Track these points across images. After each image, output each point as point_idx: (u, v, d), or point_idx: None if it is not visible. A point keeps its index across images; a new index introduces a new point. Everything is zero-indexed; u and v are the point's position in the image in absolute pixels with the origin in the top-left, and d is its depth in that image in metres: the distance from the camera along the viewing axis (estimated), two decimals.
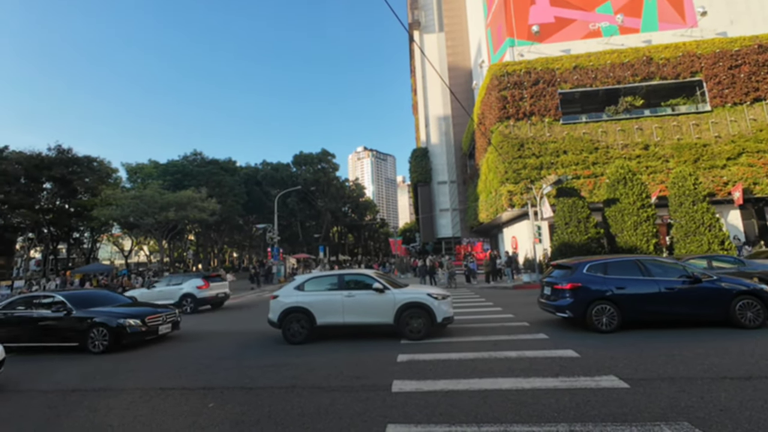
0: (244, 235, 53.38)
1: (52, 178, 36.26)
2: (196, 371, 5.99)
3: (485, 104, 26.72)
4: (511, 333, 7.40)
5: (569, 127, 22.68)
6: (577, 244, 16.87)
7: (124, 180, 42.01)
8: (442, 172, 49.14)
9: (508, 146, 22.65)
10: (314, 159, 49.06)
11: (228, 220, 41.51)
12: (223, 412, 4.18)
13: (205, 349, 7.65)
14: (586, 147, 22.11)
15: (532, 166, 22.24)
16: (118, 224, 36.37)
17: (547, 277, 8.23)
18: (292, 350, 7.02)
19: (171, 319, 8.75)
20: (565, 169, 21.67)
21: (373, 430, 3.52)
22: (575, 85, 23.08)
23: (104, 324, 7.70)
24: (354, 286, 7.68)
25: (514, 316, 9.27)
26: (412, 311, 7.19)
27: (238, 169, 46.97)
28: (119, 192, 33.04)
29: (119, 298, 9.56)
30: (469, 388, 4.47)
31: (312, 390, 4.74)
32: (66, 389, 5.45)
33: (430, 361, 5.71)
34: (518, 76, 23.69)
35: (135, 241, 46.37)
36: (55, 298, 8.40)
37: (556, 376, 4.71)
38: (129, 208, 29.21)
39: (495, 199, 24.38)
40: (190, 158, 43.02)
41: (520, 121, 23.14)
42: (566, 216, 17.69)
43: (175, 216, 29.61)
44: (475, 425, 3.49)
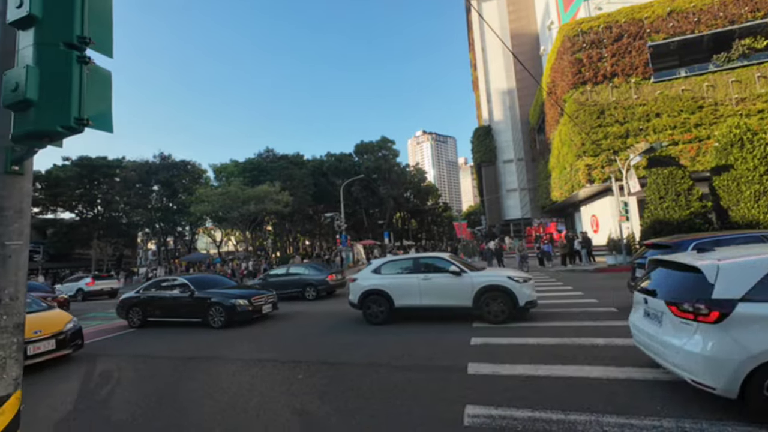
0: (314, 224, 57.01)
1: (158, 181, 42.66)
2: (286, 347, 6.69)
3: (556, 70, 24.20)
4: (595, 319, 6.81)
5: (663, 85, 19.48)
6: (675, 221, 14.63)
7: (212, 179, 47.57)
8: (508, 150, 46.22)
9: (585, 115, 20.32)
10: (374, 147, 49.79)
11: (299, 210, 44.67)
12: (311, 383, 4.61)
13: (295, 327, 8.45)
14: (686, 107, 18.82)
15: (615, 134, 19.71)
16: (210, 218, 41.49)
17: (640, 258, 7.34)
18: (368, 330, 7.40)
19: (271, 300, 9.78)
20: (659, 135, 18.79)
21: (452, 409, 3.57)
22: (671, 34, 19.61)
23: (220, 303, 8.90)
24: (430, 269, 7.73)
25: (598, 301, 8.48)
26: (492, 294, 7.01)
27: (306, 162, 49.87)
28: (209, 190, 37.59)
29: (226, 281, 10.99)
30: (551, 374, 4.26)
31: (388, 368, 4.96)
32: (186, 357, 6.52)
33: (505, 346, 5.55)
34: (596, 33, 20.91)
35: (224, 232, 52.63)
36: (179, 281, 9.96)
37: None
38: (218, 204, 33.10)
39: (570, 175, 22.24)
40: (263, 155, 46.90)
41: (598, 85, 20.55)
42: (661, 189, 15.36)
43: (255, 209, 32.78)
44: (561, 413, 3.32)
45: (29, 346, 5.83)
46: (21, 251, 2.10)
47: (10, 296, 2.02)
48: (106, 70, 2.07)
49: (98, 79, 2.02)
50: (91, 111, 1.92)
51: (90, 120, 1.90)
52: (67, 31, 1.85)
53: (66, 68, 1.83)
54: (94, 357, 7.02)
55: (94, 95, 1.96)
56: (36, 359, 5.94)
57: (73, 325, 6.78)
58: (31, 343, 5.89)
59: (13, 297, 2.03)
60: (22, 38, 1.88)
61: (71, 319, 6.86)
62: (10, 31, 2.04)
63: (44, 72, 1.80)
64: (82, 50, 1.90)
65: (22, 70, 1.77)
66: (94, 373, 5.96)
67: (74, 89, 1.84)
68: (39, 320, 6.41)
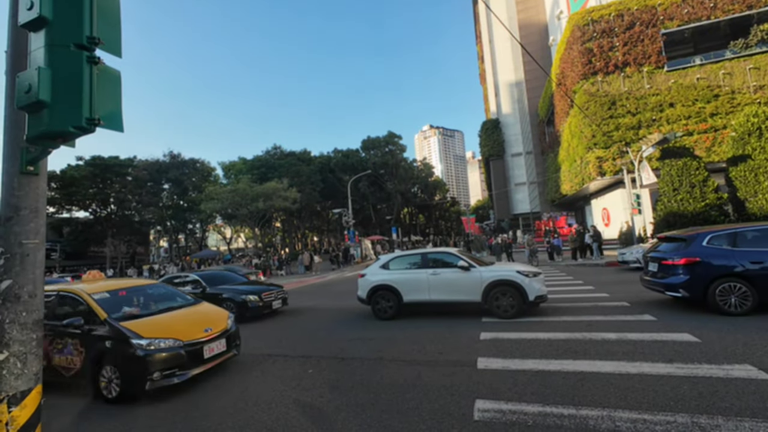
0: (321, 220, 57.35)
1: (169, 179, 43.32)
2: (295, 342, 6.76)
3: (565, 61, 23.73)
4: (607, 313, 6.72)
5: (677, 74, 18.96)
6: (690, 213, 14.30)
7: (221, 177, 48.12)
8: (516, 144, 45.62)
9: (596, 106, 19.91)
10: (381, 142, 49.65)
11: (307, 206, 44.95)
12: (321, 378, 4.66)
13: (304, 322, 8.53)
14: (701, 95, 18.31)
15: (626, 126, 19.28)
16: (219, 215, 42.05)
17: (653, 251, 7.19)
18: (376, 325, 7.44)
19: (281, 296, 9.89)
20: (672, 126, 18.33)
21: (462, 403, 3.57)
22: (685, 20, 19.04)
23: (231, 299, 9.04)
24: (438, 265, 7.72)
25: (610, 296, 8.37)
26: (501, 289, 6.97)
27: (313, 158, 50.05)
28: (218, 188, 38.04)
29: (237, 277, 11.13)
30: (562, 369, 4.23)
31: (398, 363, 4.98)
32: None
33: (515, 340, 5.52)
34: (606, 22, 20.40)
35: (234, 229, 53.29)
36: (191, 277, 10.14)
37: (670, 361, 4.16)
38: (227, 201, 33.50)
39: (581, 168, 21.88)
40: (271, 152, 47.24)
41: (610, 75, 20.09)
42: (675, 180, 15.02)
43: (263, 205, 33.09)
44: (573, 407, 3.30)
45: (205, 347, 4.76)
46: (38, 249, 2.15)
47: (29, 293, 2.08)
48: (115, 70, 2.09)
49: (108, 79, 2.04)
50: (102, 111, 1.95)
51: (101, 120, 1.92)
52: (77, 32, 1.88)
53: (77, 69, 1.86)
54: None
55: (104, 95, 1.99)
56: (211, 363, 4.84)
57: (233, 322, 5.57)
58: (206, 344, 4.80)
59: (32, 294, 2.09)
60: (34, 40, 1.91)
61: (228, 314, 5.72)
62: (22, 33, 2.08)
63: (56, 73, 1.83)
64: (91, 51, 1.92)
65: (35, 71, 1.80)
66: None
67: (85, 90, 1.86)
68: (202, 315, 5.39)
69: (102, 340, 4.53)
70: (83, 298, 4.95)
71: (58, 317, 4.96)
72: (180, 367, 4.47)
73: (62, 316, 4.97)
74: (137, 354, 4.30)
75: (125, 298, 5.34)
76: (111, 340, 4.48)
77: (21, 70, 1.92)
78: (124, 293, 5.39)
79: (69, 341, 4.73)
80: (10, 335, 2.00)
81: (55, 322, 4.87)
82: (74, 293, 5.09)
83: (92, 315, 4.73)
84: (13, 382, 1.99)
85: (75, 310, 4.95)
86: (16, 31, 2.13)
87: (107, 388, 4.40)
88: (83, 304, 4.91)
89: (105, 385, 4.42)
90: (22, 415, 1.99)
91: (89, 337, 4.61)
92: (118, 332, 4.49)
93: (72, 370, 4.70)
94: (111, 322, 4.60)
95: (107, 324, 4.60)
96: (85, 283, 5.82)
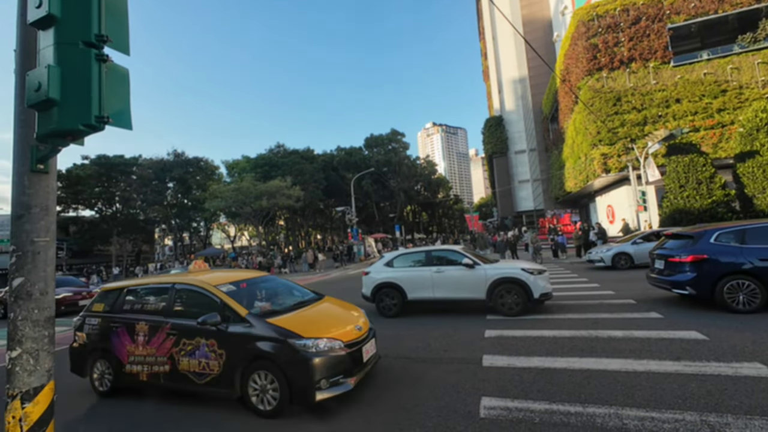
0: (325, 218, 57.45)
1: (173, 178, 43.55)
2: None
3: (570, 57, 23.53)
4: (613, 311, 6.68)
5: (683, 69, 18.75)
6: (696, 210, 14.18)
7: (225, 175, 48.30)
8: (520, 141, 45.38)
9: (601, 102, 19.74)
10: (384, 140, 49.57)
11: (311, 205, 45.04)
12: None
13: None
14: (708, 91, 18.09)
15: (632, 122, 19.10)
16: (223, 214, 42.26)
17: (659, 248, 7.14)
18: (381, 323, 7.43)
19: None
20: (679, 122, 18.15)
21: (467, 401, 3.57)
22: (692, 15, 18.80)
23: None
24: (442, 262, 7.70)
25: (615, 293, 8.32)
26: (506, 286, 6.95)
27: (316, 157, 50.10)
28: (222, 186, 38.19)
29: None
30: (568, 366, 4.21)
31: (403, 360, 4.99)
32: None
33: (520, 338, 5.51)
34: (612, 16, 20.19)
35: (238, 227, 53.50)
36: None
37: (677, 359, 4.14)
38: (231, 199, 33.63)
39: (585, 165, 21.73)
40: (274, 151, 47.34)
41: (615, 71, 19.89)
42: (681, 177, 14.90)
43: (267, 204, 33.19)
44: (579, 405, 3.29)
45: (363, 348, 4.01)
46: (48, 247, 2.17)
47: (40, 291, 2.09)
48: (123, 68, 2.09)
49: (116, 76, 2.05)
50: (111, 109, 1.96)
51: (110, 117, 1.93)
52: (86, 30, 1.88)
53: (86, 67, 1.86)
54: None
55: (113, 93, 1.99)
56: (368, 367, 4.08)
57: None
58: (363, 344, 4.03)
59: (43, 292, 2.11)
60: (43, 38, 1.92)
61: (362, 311, 4.80)
62: (31, 31, 2.09)
63: (65, 71, 1.83)
64: (100, 48, 1.92)
65: (44, 70, 1.81)
66: None
67: (94, 87, 1.87)
68: (343, 312, 4.61)
69: (249, 340, 3.74)
70: (212, 292, 4.20)
71: (179, 314, 4.29)
72: (345, 373, 3.71)
73: (184, 313, 4.29)
74: (301, 357, 3.53)
75: (249, 292, 4.59)
76: (263, 340, 3.69)
77: (30, 69, 1.93)
78: (245, 285, 4.63)
79: (202, 342, 3.95)
80: (23, 332, 2.02)
81: (178, 320, 4.19)
82: (198, 286, 4.35)
83: (227, 311, 3.96)
84: (26, 379, 2.01)
85: (201, 305, 4.18)
86: (25, 30, 2.14)
87: (260, 398, 3.67)
88: (212, 299, 4.15)
89: (257, 396, 3.68)
90: (35, 411, 2.02)
91: (230, 338, 3.82)
92: (271, 331, 3.72)
93: (207, 377, 3.91)
94: (255, 320, 3.85)
95: (250, 322, 3.84)
96: (194, 274, 5.02)
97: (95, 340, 4.69)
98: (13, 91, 2.12)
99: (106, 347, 4.57)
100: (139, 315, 4.52)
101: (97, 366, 4.66)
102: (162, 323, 4.25)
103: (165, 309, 4.39)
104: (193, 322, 4.00)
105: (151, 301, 4.68)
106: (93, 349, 4.69)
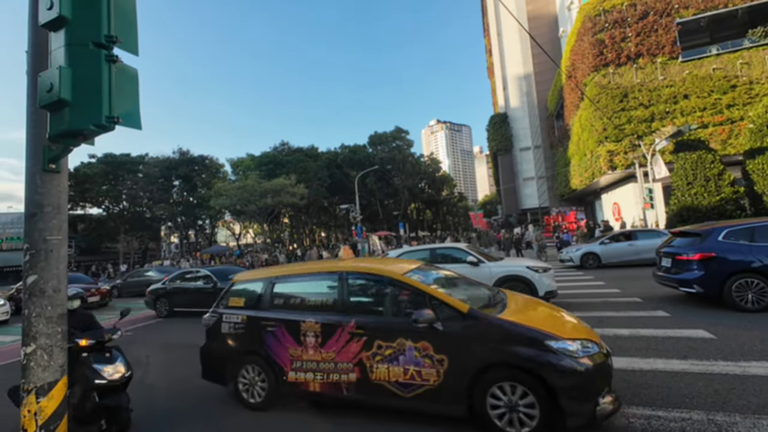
0: (329, 216, 57.57)
1: (178, 176, 43.89)
2: None
3: (576, 53, 23.29)
4: (619, 309, 6.65)
5: (692, 64, 18.49)
6: (704, 207, 14.02)
7: (230, 173, 48.56)
8: (525, 138, 45.06)
9: (607, 98, 19.54)
10: (388, 138, 49.49)
11: (315, 202, 45.18)
12: None
13: None
14: (717, 86, 17.83)
15: (639, 118, 18.90)
16: (228, 211, 42.52)
17: (666, 246, 7.08)
18: None
19: None
20: (687, 118, 17.92)
21: None
22: (701, 9, 18.51)
23: None
24: (447, 260, 7.69)
25: (621, 291, 8.27)
26: (511, 284, 6.95)
27: (320, 154, 50.15)
28: (227, 184, 38.42)
29: None
30: None
31: None
32: None
33: None
34: (619, 11, 19.94)
35: (242, 225, 53.84)
36: (203, 272, 10.28)
37: (684, 358, 4.11)
38: (236, 197, 33.83)
39: (591, 162, 21.55)
40: (279, 148, 47.48)
41: (621, 67, 19.67)
42: (689, 174, 14.72)
43: (272, 201, 33.37)
44: None
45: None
46: (61, 245, 2.21)
47: (53, 288, 2.14)
48: (132, 68, 2.12)
49: (126, 77, 2.07)
50: (121, 109, 1.98)
51: (120, 118, 1.96)
52: (96, 31, 1.90)
53: (96, 68, 1.89)
54: (125, 345, 7.36)
55: (122, 93, 2.02)
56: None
57: None
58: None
59: (56, 289, 2.15)
60: (54, 40, 1.94)
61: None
62: (42, 33, 2.12)
63: (76, 72, 1.86)
64: (110, 49, 1.95)
65: (56, 71, 1.83)
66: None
67: (104, 88, 1.89)
68: (554, 309, 3.68)
69: (483, 342, 2.94)
70: (408, 283, 3.39)
71: (361, 310, 3.54)
72: (609, 387, 2.84)
73: (366, 308, 3.59)
74: (570, 364, 2.70)
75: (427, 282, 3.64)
76: (509, 343, 2.87)
77: (42, 70, 1.96)
78: (421, 276, 3.70)
79: (408, 345, 3.14)
80: (37, 329, 2.07)
81: (365, 318, 3.40)
82: (385, 275, 3.56)
83: (437, 306, 3.14)
84: (41, 374, 2.06)
85: (392, 298, 3.48)
86: (36, 31, 2.17)
87: (508, 419, 2.80)
88: (411, 291, 3.36)
89: (502, 415, 2.82)
90: (49, 406, 2.06)
91: (452, 339, 3.02)
92: (518, 331, 2.91)
93: (418, 388, 3.09)
94: (484, 317, 3.07)
95: (477, 318, 3.05)
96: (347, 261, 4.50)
97: (241, 341, 3.93)
98: (26, 92, 2.16)
99: (257, 350, 3.80)
100: (302, 312, 3.74)
101: (244, 373, 3.87)
102: (341, 321, 3.42)
103: (339, 304, 3.58)
104: (391, 319, 3.32)
105: (315, 294, 3.88)
106: (238, 352, 3.93)
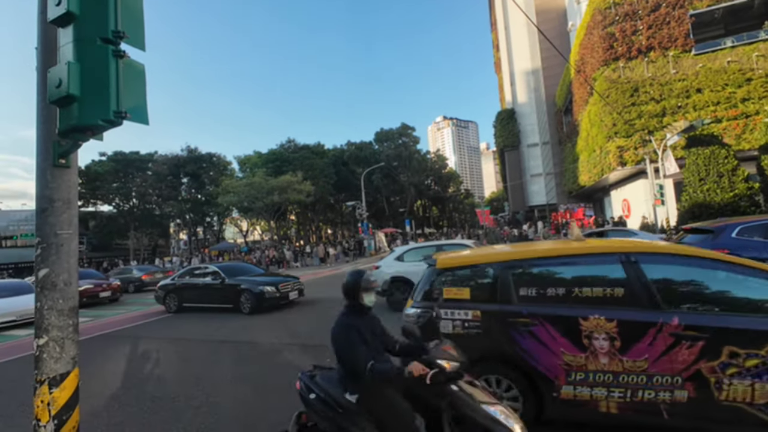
0: (335, 213, 57.76)
1: (187, 174, 44.42)
2: (313, 331, 6.90)
3: (585, 47, 22.91)
4: None
5: (705, 57, 18.06)
6: (717, 204, 13.73)
7: (237, 171, 48.94)
8: (532, 134, 44.59)
9: (617, 93, 19.21)
10: (394, 134, 49.36)
11: (321, 199, 45.36)
12: None
13: (320, 313, 8.69)
14: (731, 80, 17.40)
15: (650, 113, 18.55)
16: (236, 209, 42.90)
17: (677, 243, 6.96)
18: (392, 317, 7.47)
19: (297, 287, 10.07)
20: (699, 112, 17.54)
21: None
22: (716, 0, 18.02)
23: (249, 290, 9.24)
24: None
25: None
26: None
27: (326, 151, 50.25)
28: (234, 181, 38.74)
29: (254, 269, 11.37)
30: None
31: None
32: (218, 340, 6.86)
33: None
34: (630, 4, 19.54)
35: (250, 222, 54.31)
36: (211, 269, 10.40)
37: None
38: (243, 194, 34.12)
39: (600, 158, 21.24)
40: (285, 146, 47.68)
41: (632, 61, 19.30)
42: (701, 170, 14.41)
43: (278, 199, 33.57)
44: None
45: None
46: (71, 240, 2.24)
47: (64, 282, 2.17)
48: (139, 64, 2.13)
49: (133, 72, 2.08)
50: (128, 104, 2.00)
51: (127, 113, 1.97)
52: (103, 27, 1.92)
53: (104, 63, 1.90)
54: (136, 340, 7.51)
55: (130, 89, 2.03)
56: None
57: None
58: None
59: (67, 282, 2.19)
60: (62, 35, 1.96)
61: None
62: (51, 29, 2.14)
63: (84, 67, 1.87)
64: (117, 44, 1.96)
65: (64, 66, 1.85)
66: (137, 355, 6.38)
67: (112, 83, 1.91)
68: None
69: None
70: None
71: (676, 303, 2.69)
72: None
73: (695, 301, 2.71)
74: None
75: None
76: None
77: (51, 66, 1.99)
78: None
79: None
80: (49, 321, 2.11)
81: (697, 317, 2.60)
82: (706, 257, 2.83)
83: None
84: (53, 365, 2.10)
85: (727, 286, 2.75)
86: (45, 27, 2.19)
87: None
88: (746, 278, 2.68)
89: None
90: (62, 397, 2.11)
91: None
92: None
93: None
94: None
95: None
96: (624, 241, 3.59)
97: (474, 346, 2.98)
98: (36, 88, 2.19)
99: (504, 357, 3.00)
100: (576, 306, 2.82)
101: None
102: (653, 320, 2.62)
103: (641, 296, 2.72)
104: (748, 317, 2.52)
105: (587, 282, 2.89)
106: (481, 357, 3.03)
